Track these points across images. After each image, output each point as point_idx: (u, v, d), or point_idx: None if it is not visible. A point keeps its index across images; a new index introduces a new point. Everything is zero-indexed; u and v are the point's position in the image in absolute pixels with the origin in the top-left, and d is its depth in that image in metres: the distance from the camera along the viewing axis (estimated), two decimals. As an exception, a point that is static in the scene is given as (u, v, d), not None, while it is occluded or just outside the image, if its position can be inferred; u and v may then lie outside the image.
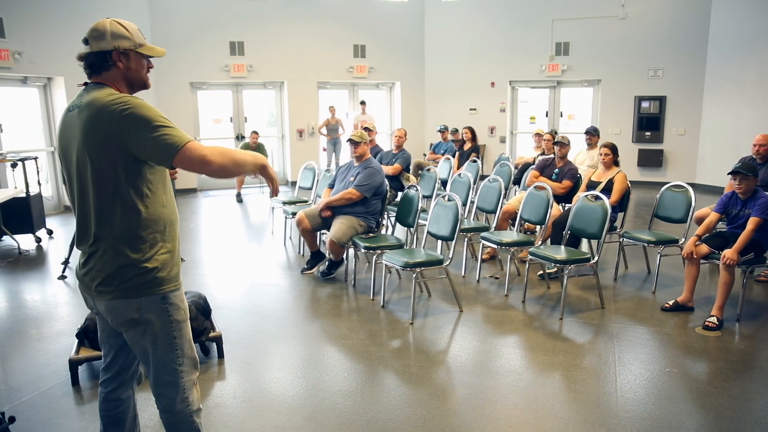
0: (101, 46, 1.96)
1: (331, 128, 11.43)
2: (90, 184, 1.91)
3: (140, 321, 1.98)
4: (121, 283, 1.94)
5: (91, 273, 1.99)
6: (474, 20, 12.01)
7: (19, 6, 7.94)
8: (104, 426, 2.24)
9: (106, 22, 1.99)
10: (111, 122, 1.84)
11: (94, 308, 2.10)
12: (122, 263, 1.93)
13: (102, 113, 1.85)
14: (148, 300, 1.96)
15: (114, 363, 2.19)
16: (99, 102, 1.87)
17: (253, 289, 5.18)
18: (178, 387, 2.08)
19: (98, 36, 1.97)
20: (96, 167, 1.88)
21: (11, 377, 3.45)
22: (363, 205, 5.12)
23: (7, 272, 5.73)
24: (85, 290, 2.06)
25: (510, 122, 12.37)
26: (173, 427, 2.14)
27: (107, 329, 2.16)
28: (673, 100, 10.99)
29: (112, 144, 1.85)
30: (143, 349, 2.04)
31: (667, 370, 3.49)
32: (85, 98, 1.94)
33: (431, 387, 3.31)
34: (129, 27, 2.01)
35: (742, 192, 4.29)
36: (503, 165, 7.21)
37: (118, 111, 1.84)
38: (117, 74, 1.99)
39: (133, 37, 2.00)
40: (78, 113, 1.91)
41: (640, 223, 7.49)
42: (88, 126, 1.87)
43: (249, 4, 10.87)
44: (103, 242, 1.94)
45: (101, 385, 2.23)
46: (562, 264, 4.44)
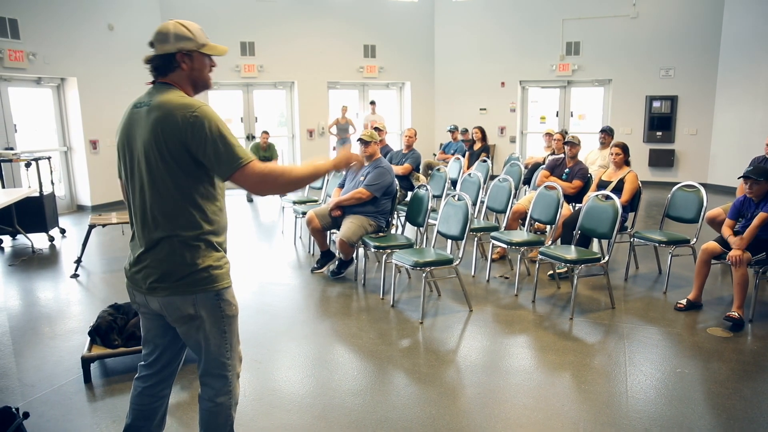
0: (165, 48, 2.00)
1: (341, 128, 11.45)
2: (153, 183, 1.95)
3: (195, 316, 2.04)
4: (178, 279, 1.99)
5: (146, 270, 2.02)
6: (484, 20, 11.98)
7: (33, 8, 8.03)
8: (133, 419, 2.26)
9: (170, 25, 2.03)
10: (180, 126, 1.89)
11: (144, 306, 2.12)
12: (180, 261, 1.98)
13: (172, 115, 1.90)
14: (203, 296, 2.02)
15: (157, 361, 2.23)
16: (170, 104, 1.92)
17: (264, 288, 5.21)
18: (225, 379, 2.15)
19: (162, 39, 2.01)
20: (162, 167, 1.93)
21: (25, 374, 3.50)
22: (373, 204, 5.13)
23: (21, 271, 5.80)
24: (136, 288, 2.09)
25: (520, 122, 12.33)
26: (212, 416, 2.19)
27: (154, 328, 2.19)
28: (684, 99, 10.90)
29: (179, 147, 1.91)
30: (197, 342, 2.10)
31: (678, 371, 3.47)
32: (156, 98, 1.97)
33: (441, 386, 3.31)
34: (191, 28, 2.04)
35: (754, 196, 4.26)
36: (513, 165, 7.19)
37: (187, 116, 1.89)
38: (182, 75, 2.03)
39: (196, 38, 2.04)
40: (147, 112, 1.95)
41: (651, 223, 7.44)
42: (157, 126, 1.91)
43: (259, 5, 10.92)
44: (162, 240, 1.98)
45: (139, 379, 2.26)
46: (572, 264, 4.43)
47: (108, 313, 3.57)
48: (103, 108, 8.84)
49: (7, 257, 6.33)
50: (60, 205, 8.10)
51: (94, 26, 8.86)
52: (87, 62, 8.79)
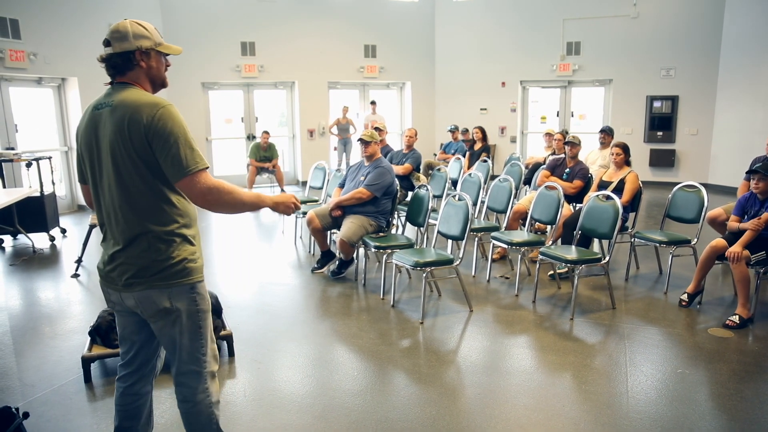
0: (124, 46, 2.01)
1: (342, 128, 11.45)
2: (123, 181, 1.96)
3: (171, 310, 2.04)
4: (154, 273, 2.00)
5: (121, 267, 2.02)
6: (485, 20, 11.98)
7: (34, 8, 8.03)
8: (120, 420, 2.26)
9: (127, 23, 2.03)
10: (144, 123, 1.91)
11: (119, 304, 2.13)
12: (155, 255, 1.99)
13: (138, 113, 1.92)
14: (179, 289, 2.04)
15: (135, 359, 2.23)
16: (136, 102, 1.94)
17: (264, 289, 5.20)
18: (200, 377, 2.14)
19: (121, 37, 2.01)
20: (130, 165, 1.94)
21: (25, 374, 3.50)
22: (373, 204, 5.13)
23: (22, 270, 5.80)
24: (111, 285, 2.09)
25: (520, 122, 12.32)
26: (192, 417, 2.18)
27: (130, 325, 2.19)
28: (685, 99, 10.90)
29: (144, 144, 1.92)
30: (171, 338, 2.09)
31: (679, 371, 3.46)
32: (116, 97, 1.98)
33: (441, 386, 3.30)
34: (148, 27, 2.06)
35: (760, 192, 4.25)
36: (514, 165, 7.19)
37: (152, 113, 1.91)
38: (140, 73, 2.05)
39: (153, 37, 2.05)
40: (110, 112, 1.96)
41: (652, 223, 7.43)
42: (122, 124, 1.92)
43: (260, 5, 10.92)
44: (138, 237, 1.99)
45: (120, 380, 2.26)
46: (572, 264, 4.43)
47: (108, 313, 3.56)
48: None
49: (8, 257, 6.33)
50: (61, 205, 8.10)
51: (94, 26, 8.85)
52: (88, 62, 8.70)
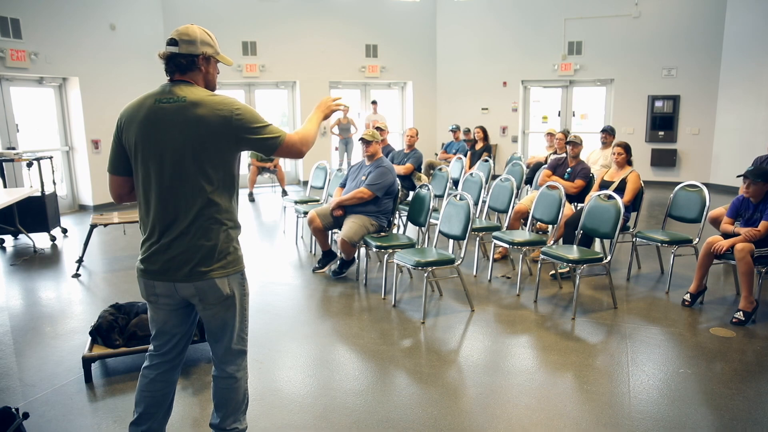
0: (190, 49, 2.15)
1: (343, 128, 11.44)
2: (195, 173, 2.09)
3: (231, 296, 2.22)
4: (218, 261, 2.16)
5: (182, 256, 2.13)
6: (486, 20, 11.97)
7: (35, 7, 8.03)
8: (146, 406, 2.33)
9: (197, 29, 2.18)
10: (224, 119, 2.09)
11: (168, 297, 2.20)
12: (216, 244, 2.15)
13: (215, 110, 2.09)
14: (234, 277, 2.22)
15: (173, 349, 2.34)
16: (210, 101, 2.11)
17: (265, 288, 5.20)
18: (244, 355, 2.37)
19: (190, 41, 2.15)
20: (203, 156, 2.09)
21: (26, 374, 3.49)
22: (374, 204, 5.12)
23: (23, 270, 5.80)
24: (161, 278, 2.17)
25: (522, 122, 12.31)
26: (234, 392, 2.36)
27: (174, 318, 2.29)
28: (687, 99, 10.88)
29: (221, 138, 2.10)
30: (224, 322, 2.26)
31: (681, 371, 3.45)
32: (183, 94, 2.10)
33: (442, 386, 3.30)
34: (212, 36, 2.23)
35: (751, 196, 4.27)
36: (515, 164, 7.17)
37: (231, 110, 2.11)
38: (199, 76, 2.20)
39: (215, 46, 2.23)
40: (181, 108, 2.08)
41: (654, 223, 7.42)
42: (204, 121, 2.07)
43: (261, 5, 10.91)
44: (200, 227, 2.12)
45: (150, 368, 2.34)
46: (574, 264, 4.42)
47: (109, 313, 3.56)
48: (105, 108, 8.82)
49: (9, 257, 6.34)
50: (62, 205, 8.10)
51: (96, 26, 8.86)
52: (89, 62, 8.78)
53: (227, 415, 2.38)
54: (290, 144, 2.24)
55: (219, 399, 2.38)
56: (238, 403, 2.39)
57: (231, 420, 2.38)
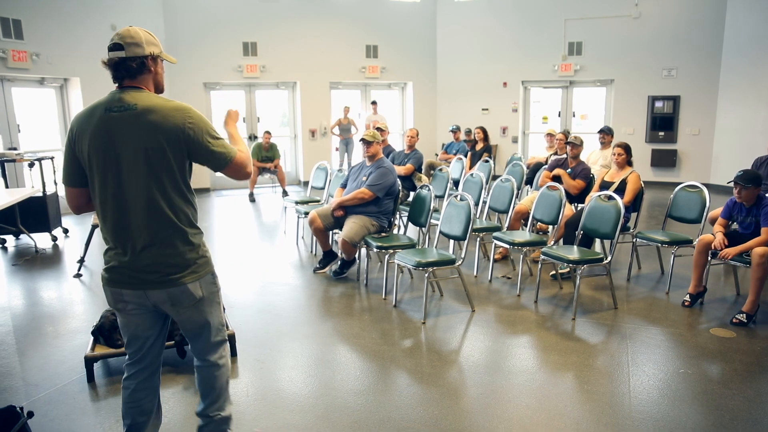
0: (137, 51, 2.08)
1: (344, 128, 11.46)
2: (155, 182, 2.07)
3: (202, 298, 2.24)
4: (187, 267, 2.17)
5: (150, 267, 2.11)
6: (486, 20, 11.98)
7: (37, 8, 8.05)
8: (134, 416, 2.33)
9: (138, 30, 2.11)
10: (176, 127, 2.04)
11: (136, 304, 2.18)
12: (187, 251, 2.16)
13: (168, 117, 2.04)
14: (205, 278, 2.24)
15: (148, 354, 2.33)
16: (164, 107, 2.06)
17: (266, 288, 5.21)
18: (225, 342, 2.45)
19: (136, 43, 2.08)
20: (164, 165, 2.06)
21: (29, 373, 3.51)
22: (375, 204, 5.13)
23: (24, 270, 5.81)
24: (128, 286, 2.15)
25: (522, 122, 12.32)
26: (218, 379, 2.41)
27: (144, 323, 2.27)
28: (687, 99, 10.89)
29: (173, 146, 2.06)
30: (201, 323, 2.30)
31: (681, 371, 3.47)
32: (138, 101, 2.05)
33: (443, 386, 3.31)
34: (153, 34, 2.18)
35: (744, 201, 4.30)
36: (515, 165, 7.19)
37: (184, 118, 2.06)
38: (149, 78, 2.14)
39: (159, 45, 2.18)
40: (135, 116, 2.03)
41: (654, 223, 7.43)
42: (157, 128, 2.03)
43: (262, 5, 10.92)
44: (165, 234, 2.12)
45: (130, 378, 2.33)
46: (575, 264, 4.43)
47: (111, 313, 3.57)
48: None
49: (11, 257, 6.35)
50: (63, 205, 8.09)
51: (96, 26, 8.87)
52: (90, 62, 8.76)
53: (213, 401, 2.42)
54: (240, 164, 2.20)
55: (204, 387, 2.42)
56: (222, 389, 2.44)
57: (216, 407, 2.43)
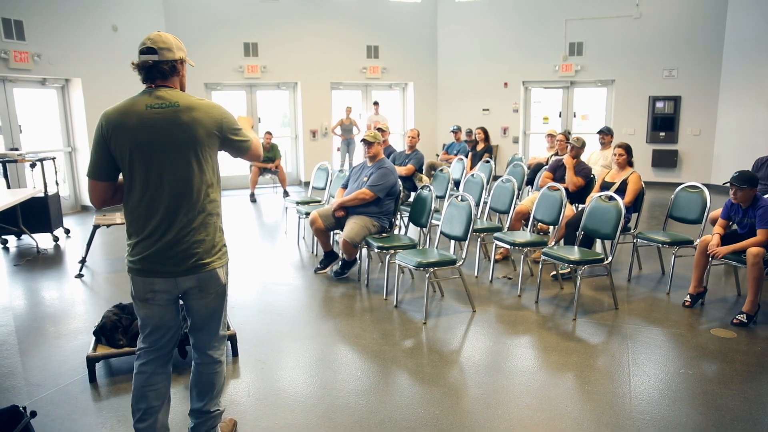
0: (170, 56, 2.25)
1: (346, 128, 11.47)
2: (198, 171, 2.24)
3: (225, 284, 2.42)
4: (217, 252, 2.35)
5: (185, 252, 2.25)
6: (487, 21, 11.99)
7: (38, 9, 8.06)
8: (150, 401, 2.40)
9: (169, 36, 2.29)
10: (216, 121, 2.26)
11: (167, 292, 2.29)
12: (217, 238, 2.35)
13: (208, 114, 2.24)
14: (226, 267, 2.43)
15: (169, 343, 2.45)
16: (201, 105, 2.25)
17: (267, 288, 5.22)
18: (225, 339, 2.56)
19: (168, 48, 2.25)
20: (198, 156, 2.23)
21: (30, 373, 3.52)
22: (376, 205, 5.14)
23: (26, 271, 5.82)
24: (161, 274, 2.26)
25: (523, 123, 12.33)
26: (217, 377, 2.51)
27: (168, 313, 2.38)
28: (688, 100, 10.90)
29: (213, 138, 2.27)
30: (214, 310, 2.43)
31: (682, 372, 3.47)
32: (177, 99, 2.21)
33: (444, 386, 3.32)
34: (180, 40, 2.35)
35: (740, 201, 4.31)
36: (516, 165, 7.19)
37: (221, 113, 2.29)
38: (177, 80, 2.31)
39: (185, 49, 2.34)
40: (175, 113, 2.18)
41: (654, 224, 7.43)
42: (194, 123, 2.21)
43: (263, 5, 10.94)
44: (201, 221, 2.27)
45: (147, 363, 2.41)
46: (575, 264, 4.43)
47: (113, 313, 3.58)
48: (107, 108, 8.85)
49: (12, 257, 6.36)
50: (64, 206, 8.12)
51: (98, 27, 8.90)
52: (91, 63, 8.81)
53: (212, 398, 2.51)
54: (256, 147, 2.47)
55: (204, 385, 2.50)
56: (221, 386, 2.54)
57: (213, 403, 2.52)
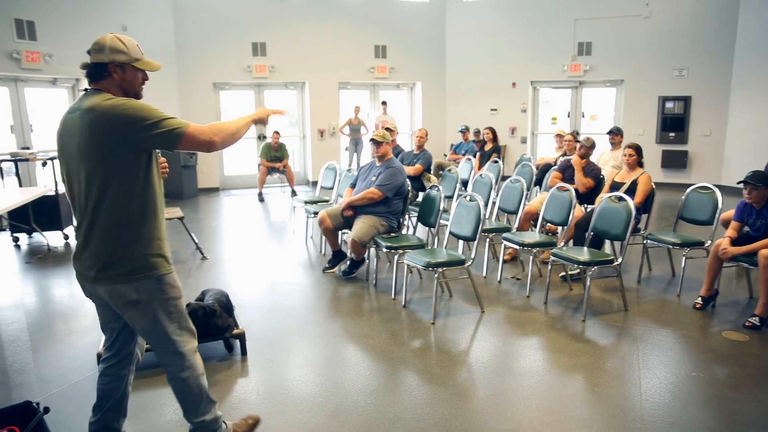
0: (100, 58, 2.18)
1: (354, 128, 11.48)
2: (90, 178, 2.12)
3: (138, 302, 2.22)
4: (119, 268, 2.17)
5: (89, 261, 2.20)
6: (495, 20, 11.96)
7: (49, 10, 8.13)
8: (98, 398, 2.47)
9: (107, 38, 2.19)
10: (112, 122, 2.07)
11: (94, 295, 2.31)
12: (119, 250, 2.17)
13: (105, 114, 2.08)
14: (144, 283, 2.20)
15: (114, 343, 2.45)
16: (100, 106, 2.09)
17: (275, 288, 5.23)
18: (181, 356, 2.36)
19: (98, 49, 2.18)
20: (97, 163, 2.10)
21: (42, 370, 3.54)
22: (385, 204, 5.14)
23: (37, 268, 5.87)
24: (83, 279, 2.28)
25: (531, 123, 12.29)
26: (185, 391, 2.41)
27: (107, 315, 2.39)
28: (698, 100, 10.82)
29: (114, 141, 2.08)
30: (144, 327, 2.30)
31: (693, 375, 3.44)
32: (85, 103, 2.14)
33: (453, 387, 3.31)
34: (127, 43, 2.21)
35: (753, 202, 4.26)
36: (525, 166, 7.17)
37: (120, 110, 2.08)
38: (113, 83, 2.20)
39: (129, 53, 2.20)
40: (80, 116, 2.11)
41: (664, 225, 7.38)
42: (92, 127, 2.08)
43: (271, 5, 10.96)
44: (100, 231, 2.16)
45: (102, 362, 2.48)
46: (585, 265, 4.41)
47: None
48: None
49: (24, 255, 6.41)
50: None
51: (108, 27, 8.92)
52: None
53: (189, 410, 2.46)
54: (194, 135, 2.14)
55: (176, 397, 2.46)
56: (195, 397, 2.43)
57: (194, 414, 2.46)
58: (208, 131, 2.19)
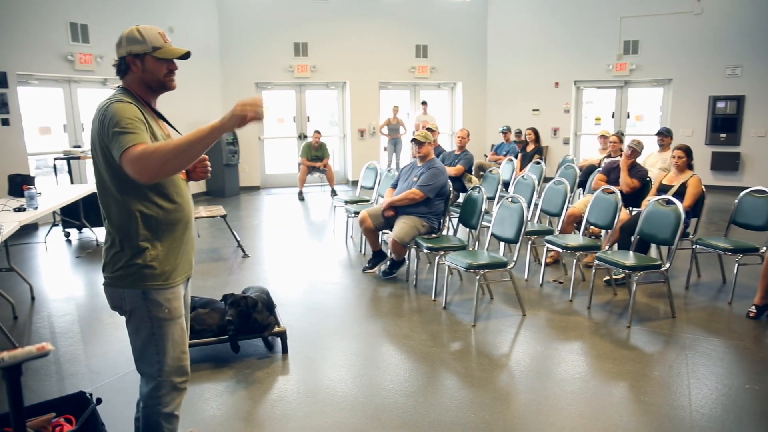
0: (119, 52, 2.08)
1: (392, 128, 11.48)
2: (97, 178, 2.10)
3: (123, 310, 2.12)
4: (112, 271, 2.09)
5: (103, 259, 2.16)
6: (538, 18, 11.76)
7: (101, 13, 8.41)
8: None
9: (126, 30, 2.07)
10: (99, 124, 1.97)
11: None
12: (114, 253, 2.08)
13: (96, 116, 2.01)
14: (130, 292, 2.07)
15: None
16: (99, 107, 2.03)
17: (315, 287, 5.27)
18: (154, 381, 2.16)
19: (117, 44, 2.08)
20: (96, 164, 2.06)
21: (92, 361, 3.67)
22: (426, 205, 5.12)
23: (86, 263, 6.08)
24: None
25: (574, 123, 12.04)
26: (143, 419, 2.26)
27: None
28: (752, 99, 10.38)
29: (99, 144, 1.99)
30: (133, 340, 2.17)
31: (748, 387, 3.30)
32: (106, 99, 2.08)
33: (494, 391, 3.27)
34: (144, 32, 2.05)
35: None
36: (568, 167, 7.02)
37: (104, 113, 1.96)
38: (134, 78, 2.08)
39: (147, 41, 2.04)
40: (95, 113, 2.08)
41: (714, 229, 7.12)
42: (92, 128, 2.04)
43: (313, 6, 11.07)
44: (105, 231, 2.13)
45: None
46: (631, 270, 4.29)
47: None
48: (163, 107, 9.12)
49: (74, 249, 6.66)
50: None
51: (156, 29, 9.19)
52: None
53: None
54: (126, 161, 1.85)
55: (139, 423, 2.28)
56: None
57: None
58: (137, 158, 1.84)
